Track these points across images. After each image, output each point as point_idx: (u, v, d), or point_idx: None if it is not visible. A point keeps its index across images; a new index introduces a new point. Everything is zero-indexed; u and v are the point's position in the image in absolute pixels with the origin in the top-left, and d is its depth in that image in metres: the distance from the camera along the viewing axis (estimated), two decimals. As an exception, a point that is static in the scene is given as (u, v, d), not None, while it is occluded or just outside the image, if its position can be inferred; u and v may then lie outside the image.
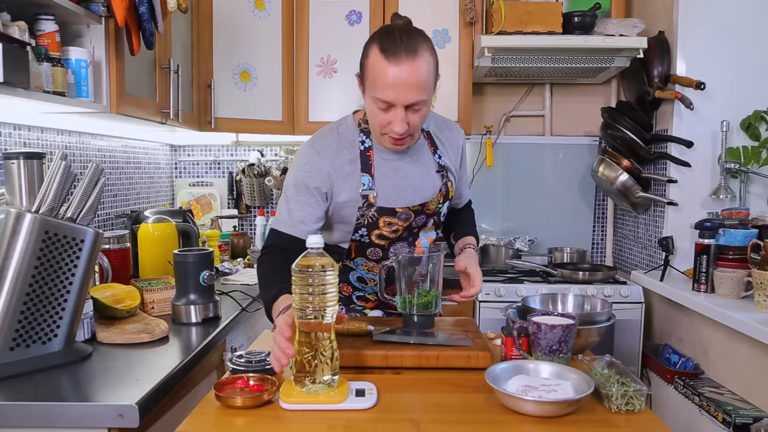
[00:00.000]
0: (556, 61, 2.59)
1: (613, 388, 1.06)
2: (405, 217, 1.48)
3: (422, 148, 1.53)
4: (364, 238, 1.49)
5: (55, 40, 1.53)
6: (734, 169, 2.27)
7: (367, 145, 1.47)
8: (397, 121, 1.32)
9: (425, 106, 1.35)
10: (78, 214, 1.32)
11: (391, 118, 1.33)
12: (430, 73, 1.32)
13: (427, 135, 1.56)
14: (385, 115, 1.34)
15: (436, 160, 1.54)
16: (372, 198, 1.43)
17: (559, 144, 3.05)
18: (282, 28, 2.71)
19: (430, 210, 1.52)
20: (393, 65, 1.28)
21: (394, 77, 1.28)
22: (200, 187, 3.15)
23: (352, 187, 1.44)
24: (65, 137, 2.12)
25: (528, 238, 2.92)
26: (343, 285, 1.57)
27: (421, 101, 1.32)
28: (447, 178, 1.55)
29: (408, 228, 1.50)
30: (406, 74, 1.28)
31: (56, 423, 1.10)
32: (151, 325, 1.56)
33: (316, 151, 1.45)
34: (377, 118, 1.36)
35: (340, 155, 1.45)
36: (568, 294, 1.54)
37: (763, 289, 1.80)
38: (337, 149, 1.46)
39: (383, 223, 1.46)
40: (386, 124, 1.35)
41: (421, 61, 1.29)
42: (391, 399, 1.10)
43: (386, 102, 1.31)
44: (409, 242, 1.53)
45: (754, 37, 2.33)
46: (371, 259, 1.53)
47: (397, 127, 1.33)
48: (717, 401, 1.85)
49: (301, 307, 1.06)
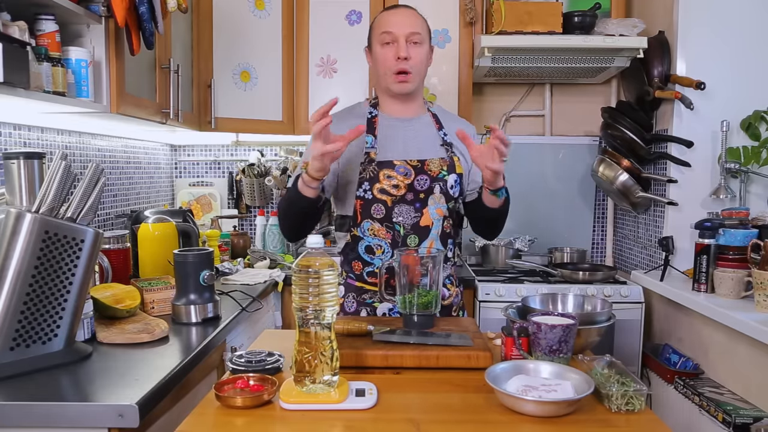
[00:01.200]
0: (556, 61, 2.59)
1: (613, 388, 1.06)
2: (404, 172, 1.58)
3: (427, 121, 1.70)
4: (367, 193, 1.58)
5: (55, 40, 1.53)
6: (734, 169, 2.27)
7: (374, 114, 1.67)
8: (401, 48, 1.56)
9: (423, 44, 1.60)
10: (78, 214, 1.32)
11: (395, 50, 1.57)
12: (423, 22, 1.62)
13: (433, 116, 1.71)
14: (390, 50, 1.58)
15: (441, 136, 1.67)
16: (373, 154, 1.59)
17: (559, 144, 3.05)
18: (282, 28, 2.71)
19: (432, 172, 1.59)
20: (392, 11, 1.61)
21: (394, 16, 1.59)
22: (200, 187, 3.15)
23: (358, 147, 1.58)
24: (65, 137, 2.12)
25: (528, 238, 2.92)
26: (355, 262, 1.64)
27: (418, 34, 1.58)
28: (452, 152, 1.66)
29: (411, 188, 1.58)
30: (403, 13, 1.60)
31: (56, 423, 1.10)
32: (151, 325, 1.56)
33: None
34: (384, 57, 1.59)
35: (347, 121, 1.62)
36: (568, 294, 1.54)
37: (763, 289, 1.80)
38: (344, 118, 1.65)
39: (383, 176, 1.57)
40: (392, 57, 1.57)
41: (413, 11, 1.62)
42: (391, 399, 1.10)
43: (390, 33, 1.57)
44: (416, 207, 1.59)
45: (754, 37, 2.33)
46: (375, 219, 1.59)
47: (401, 52, 1.56)
48: (717, 401, 1.85)
49: (301, 307, 1.06)
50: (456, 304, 1.74)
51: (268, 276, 2.39)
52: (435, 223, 1.59)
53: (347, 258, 1.66)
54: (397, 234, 1.58)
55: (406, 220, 1.58)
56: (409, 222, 1.59)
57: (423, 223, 1.55)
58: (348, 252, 1.65)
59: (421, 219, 1.58)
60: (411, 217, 1.58)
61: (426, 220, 1.57)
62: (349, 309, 1.65)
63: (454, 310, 1.73)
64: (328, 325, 1.07)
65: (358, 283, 1.66)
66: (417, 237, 1.59)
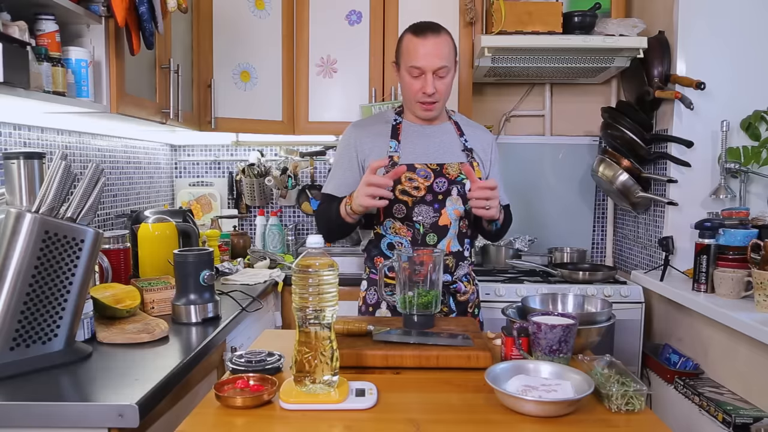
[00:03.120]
0: (556, 61, 2.59)
1: (613, 388, 1.06)
2: (424, 175, 1.67)
3: (449, 128, 1.78)
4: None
5: (55, 40, 1.53)
6: (734, 169, 2.27)
7: (398, 121, 1.76)
8: (428, 84, 1.63)
9: (448, 74, 1.66)
10: (78, 214, 1.32)
11: (422, 83, 1.64)
12: (450, 48, 1.66)
13: (455, 123, 1.80)
14: (417, 82, 1.65)
15: (462, 142, 1.76)
16: (396, 158, 1.68)
17: (559, 144, 3.05)
18: (282, 28, 2.71)
19: (451, 176, 1.68)
20: (422, 39, 1.63)
21: (423, 48, 1.62)
22: (200, 187, 3.15)
23: (381, 150, 1.70)
24: (65, 137, 2.12)
25: (528, 238, 2.92)
26: (377, 258, 1.75)
27: (445, 68, 1.63)
28: (472, 158, 1.75)
29: (430, 190, 1.67)
30: (431, 45, 1.62)
31: (56, 423, 1.10)
32: (151, 325, 1.56)
33: (352, 125, 1.79)
34: (411, 87, 1.66)
35: (372, 127, 1.76)
36: (568, 294, 1.54)
37: (763, 289, 1.80)
38: (371, 123, 1.78)
39: (405, 179, 1.66)
40: (419, 90, 1.65)
41: (443, 37, 1.64)
42: (391, 399, 1.10)
43: (418, 68, 1.63)
44: (435, 208, 1.68)
45: (754, 37, 2.33)
46: (397, 218, 1.70)
47: (427, 88, 1.63)
48: (717, 401, 1.85)
49: (301, 307, 1.06)
50: (472, 301, 1.81)
51: (268, 276, 2.39)
52: (453, 223, 1.69)
53: (370, 254, 1.79)
54: (417, 232, 1.68)
55: (425, 219, 1.67)
56: (428, 221, 1.68)
57: (441, 222, 1.64)
58: (371, 249, 1.77)
59: (439, 219, 1.67)
60: (430, 216, 1.67)
61: (444, 219, 1.66)
62: (371, 300, 1.79)
63: (470, 307, 1.80)
64: (328, 325, 1.07)
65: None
66: (436, 235, 1.68)
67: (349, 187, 1.67)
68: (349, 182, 1.70)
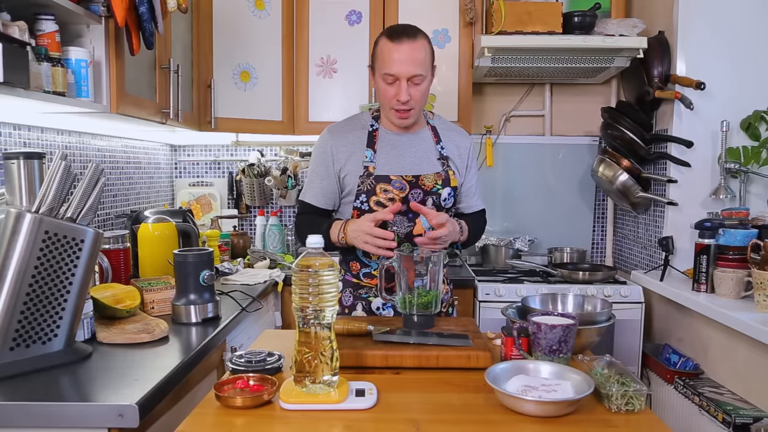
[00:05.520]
0: (556, 61, 2.59)
1: (613, 388, 1.06)
2: (400, 186, 1.66)
3: (425, 135, 1.74)
4: (364, 204, 1.67)
5: (55, 40, 1.53)
6: (734, 169, 2.27)
7: (375, 127, 1.72)
8: (401, 92, 1.58)
9: (424, 81, 1.61)
10: (78, 214, 1.32)
11: (396, 90, 1.59)
12: (426, 54, 1.60)
13: (432, 129, 1.76)
14: (391, 89, 1.60)
15: (438, 150, 1.73)
16: (372, 168, 1.66)
17: (559, 144, 3.05)
18: (282, 28, 2.71)
19: (426, 186, 1.67)
20: (396, 44, 1.57)
21: (398, 54, 1.57)
22: (200, 187, 3.15)
23: (357, 159, 1.67)
24: (65, 137, 2.12)
25: (528, 238, 2.92)
26: (353, 263, 1.75)
27: (420, 75, 1.58)
28: (448, 166, 1.72)
29: (405, 201, 1.65)
30: (406, 51, 1.56)
31: (56, 423, 1.10)
32: (151, 325, 1.56)
33: (328, 131, 1.74)
34: (386, 94, 1.62)
35: (348, 133, 1.71)
36: (568, 294, 1.54)
37: (763, 289, 1.80)
38: (346, 129, 1.73)
39: (380, 190, 1.65)
40: (393, 96, 1.60)
41: (419, 43, 1.58)
42: (391, 399, 1.10)
43: (392, 75, 1.58)
44: (409, 218, 1.66)
45: (754, 37, 2.33)
46: None
47: (401, 96, 1.59)
48: (717, 401, 1.85)
49: (301, 307, 1.06)
50: (446, 300, 1.82)
51: (268, 276, 2.39)
52: (426, 232, 1.64)
53: (345, 258, 1.78)
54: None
55: (400, 229, 1.67)
56: (402, 231, 1.67)
57: (416, 231, 1.61)
58: (346, 253, 1.77)
59: (413, 228, 1.64)
60: (405, 226, 1.66)
61: (418, 229, 1.62)
62: (346, 303, 1.77)
63: (444, 306, 1.81)
64: (328, 325, 1.08)
65: (354, 280, 1.76)
66: (410, 244, 1.65)
67: (327, 195, 1.71)
68: (326, 191, 1.71)
